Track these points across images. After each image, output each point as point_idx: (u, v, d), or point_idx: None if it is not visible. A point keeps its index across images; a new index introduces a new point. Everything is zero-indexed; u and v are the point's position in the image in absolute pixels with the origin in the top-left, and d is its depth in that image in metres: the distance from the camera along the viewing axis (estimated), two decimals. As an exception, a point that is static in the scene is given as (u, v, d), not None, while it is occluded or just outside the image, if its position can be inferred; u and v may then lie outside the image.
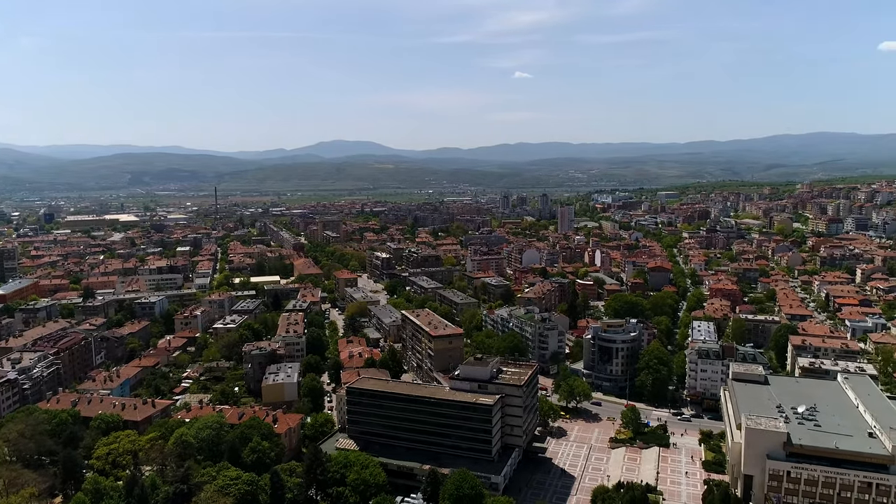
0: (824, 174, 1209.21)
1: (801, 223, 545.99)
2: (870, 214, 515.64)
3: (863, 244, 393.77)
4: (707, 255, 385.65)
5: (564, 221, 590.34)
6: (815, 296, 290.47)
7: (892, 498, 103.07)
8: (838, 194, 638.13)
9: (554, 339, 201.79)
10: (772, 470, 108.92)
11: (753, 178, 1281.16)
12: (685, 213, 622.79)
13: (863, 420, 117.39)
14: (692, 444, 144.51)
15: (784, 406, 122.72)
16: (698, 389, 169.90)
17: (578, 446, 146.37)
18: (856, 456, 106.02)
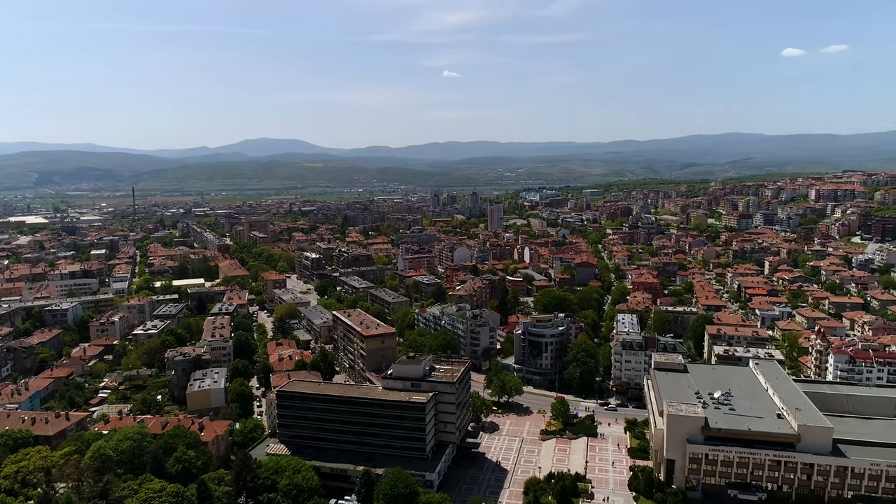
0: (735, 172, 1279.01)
1: (715, 219, 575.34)
2: (776, 210, 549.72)
3: (770, 238, 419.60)
4: (630, 251, 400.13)
5: (494, 219, 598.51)
6: (728, 287, 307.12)
7: (798, 473, 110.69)
8: (748, 191, 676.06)
9: (485, 335, 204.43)
10: (692, 453, 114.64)
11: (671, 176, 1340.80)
12: (609, 211, 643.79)
13: (772, 402, 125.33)
14: (618, 432, 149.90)
15: (702, 392, 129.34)
16: (623, 379, 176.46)
17: (511, 440, 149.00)
18: (766, 436, 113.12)
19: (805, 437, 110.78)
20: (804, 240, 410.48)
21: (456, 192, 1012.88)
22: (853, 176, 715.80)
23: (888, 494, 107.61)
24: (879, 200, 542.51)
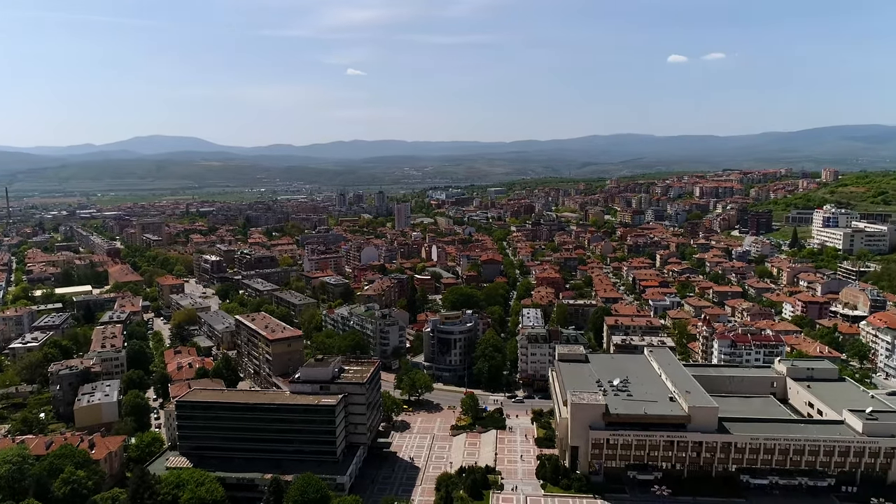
0: (628, 171, 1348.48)
1: (611, 215, 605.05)
2: (665, 206, 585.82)
3: (660, 233, 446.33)
4: (533, 247, 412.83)
5: (401, 218, 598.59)
6: (624, 280, 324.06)
7: (689, 452, 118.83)
8: (640, 189, 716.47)
9: (395, 334, 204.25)
10: (594, 439, 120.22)
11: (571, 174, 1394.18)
12: (513, 208, 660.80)
13: (665, 387, 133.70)
14: (526, 423, 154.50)
15: (602, 381, 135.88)
16: (530, 372, 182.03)
17: (422, 437, 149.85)
18: (661, 419, 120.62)
19: (695, 418, 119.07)
20: (690, 234, 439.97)
21: (362, 191, 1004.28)
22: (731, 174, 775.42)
23: (766, 465, 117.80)
24: (754, 197, 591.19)
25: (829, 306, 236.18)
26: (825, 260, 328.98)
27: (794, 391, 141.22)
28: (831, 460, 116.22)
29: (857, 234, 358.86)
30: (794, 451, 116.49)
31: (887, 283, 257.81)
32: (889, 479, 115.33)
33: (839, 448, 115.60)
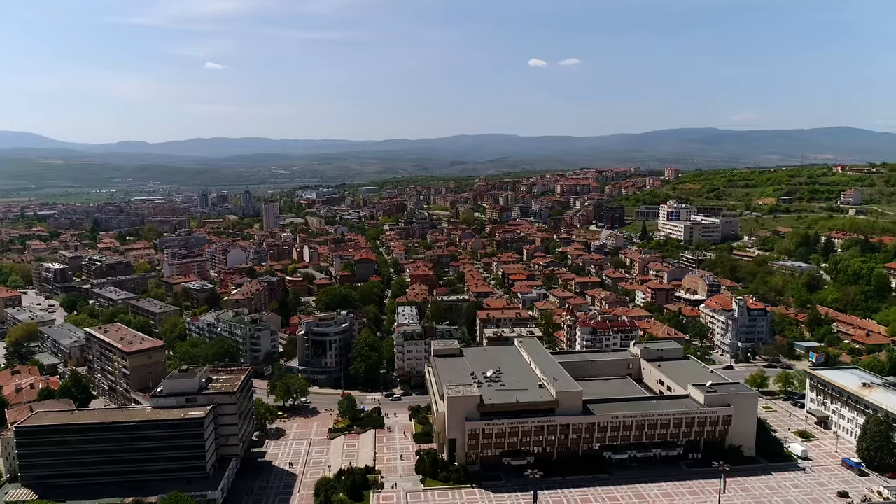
0: (495, 170, 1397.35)
1: (480, 212, 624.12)
2: (530, 203, 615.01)
3: (526, 228, 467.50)
4: (406, 245, 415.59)
5: (270, 218, 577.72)
6: (494, 274, 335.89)
7: (558, 434, 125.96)
8: (507, 187, 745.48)
9: (266, 339, 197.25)
10: (470, 430, 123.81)
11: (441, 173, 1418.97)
12: (385, 207, 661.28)
13: (535, 375, 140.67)
14: (404, 420, 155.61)
15: (476, 373, 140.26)
16: (406, 369, 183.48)
17: (298, 443, 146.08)
18: (531, 405, 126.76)
19: (562, 402, 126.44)
20: (553, 229, 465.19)
21: (227, 191, 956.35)
22: (588, 173, 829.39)
23: (625, 441, 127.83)
24: (608, 193, 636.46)
25: (675, 292, 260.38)
26: (670, 250, 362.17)
27: (647, 371, 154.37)
28: (680, 431, 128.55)
29: (695, 226, 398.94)
30: (649, 425, 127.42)
31: (720, 270, 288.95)
32: (726, 443, 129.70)
33: (686, 419, 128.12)
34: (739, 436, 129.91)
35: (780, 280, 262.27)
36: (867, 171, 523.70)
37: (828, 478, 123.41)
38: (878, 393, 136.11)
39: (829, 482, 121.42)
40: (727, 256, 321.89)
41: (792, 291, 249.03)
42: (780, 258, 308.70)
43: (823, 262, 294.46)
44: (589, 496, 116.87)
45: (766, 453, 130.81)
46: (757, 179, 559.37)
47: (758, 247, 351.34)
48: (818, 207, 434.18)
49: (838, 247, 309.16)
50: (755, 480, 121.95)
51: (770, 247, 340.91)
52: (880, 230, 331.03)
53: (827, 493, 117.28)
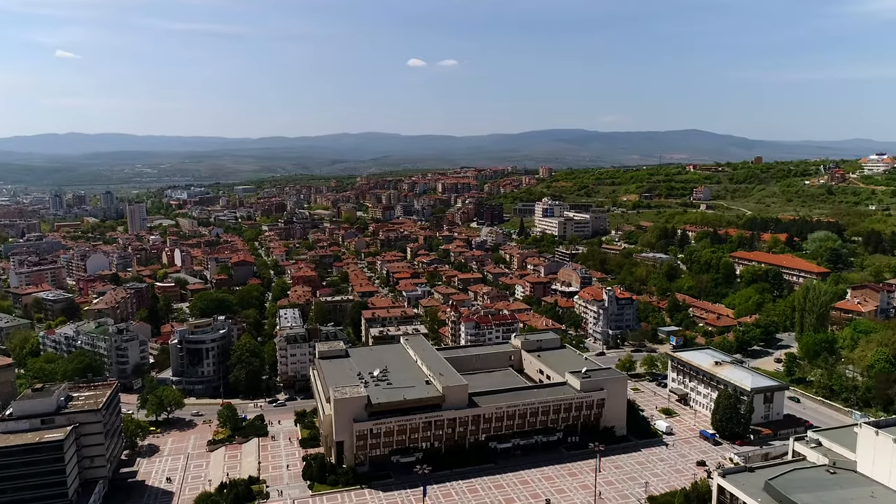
0: (377, 168, 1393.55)
1: (363, 211, 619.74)
2: (413, 202, 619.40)
3: (410, 227, 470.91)
4: (287, 246, 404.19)
5: (135, 221, 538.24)
6: (379, 273, 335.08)
7: (445, 429, 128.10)
8: (389, 186, 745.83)
9: (135, 350, 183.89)
10: (358, 431, 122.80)
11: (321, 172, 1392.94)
12: (263, 207, 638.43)
13: (422, 372, 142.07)
14: (290, 426, 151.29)
15: (363, 373, 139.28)
16: (290, 373, 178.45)
17: (175, 458, 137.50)
18: (419, 402, 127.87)
19: (448, 397, 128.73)
20: (436, 227, 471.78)
21: (84, 192, 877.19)
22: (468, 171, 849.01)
23: (509, 430, 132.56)
24: (487, 191, 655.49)
25: (551, 285, 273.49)
26: (546, 245, 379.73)
27: (527, 361, 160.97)
28: (559, 417, 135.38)
29: (568, 222, 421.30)
30: (531, 413, 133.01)
31: (592, 263, 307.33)
32: (601, 425, 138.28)
33: (564, 405, 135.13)
34: (612, 417, 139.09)
35: (643, 271, 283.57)
36: (714, 170, 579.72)
37: (688, 449, 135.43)
38: (727, 370, 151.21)
39: (690, 453, 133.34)
40: (597, 250, 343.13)
41: (654, 281, 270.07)
42: (643, 250, 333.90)
43: (680, 253, 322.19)
44: (476, 486, 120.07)
45: (635, 431, 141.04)
46: (622, 178, 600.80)
47: (624, 240, 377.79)
48: (675, 203, 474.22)
49: (692, 239, 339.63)
50: (627, 458, 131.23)
51: (634, 240, 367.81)
52: (726, 223, 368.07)
53: (688, 463, 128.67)
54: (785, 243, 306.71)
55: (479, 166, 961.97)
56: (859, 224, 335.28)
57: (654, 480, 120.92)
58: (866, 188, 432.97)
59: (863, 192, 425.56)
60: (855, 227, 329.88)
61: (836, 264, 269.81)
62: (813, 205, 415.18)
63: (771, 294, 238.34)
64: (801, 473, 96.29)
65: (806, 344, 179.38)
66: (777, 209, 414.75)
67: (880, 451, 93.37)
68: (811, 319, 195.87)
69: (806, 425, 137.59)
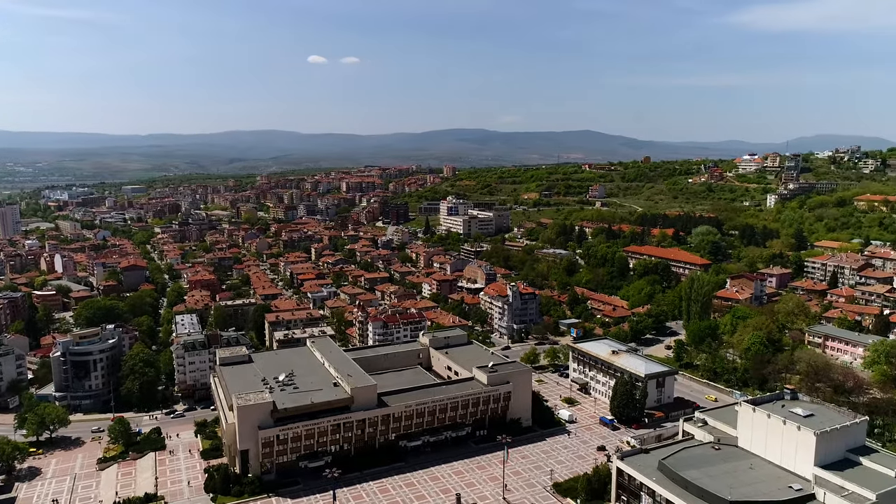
0: (278, 167, 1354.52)
1: (264, 212, 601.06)
2: (316, 202, 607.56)
3: (314, 227, 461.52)
4: (182, 249, 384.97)
5: (8, 224, 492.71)
6: (282, 275, 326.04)
7: (354, 430, 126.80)
8: (291, 185, 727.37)
9: (10, 365, 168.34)
10: (264, 438, 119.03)
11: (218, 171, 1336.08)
12: (155, 208, 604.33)
13: (329, 374, 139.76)
14: (190, 438, 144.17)
15: (268, 378, 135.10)
16: (189, 382, 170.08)
17: (60, 481, 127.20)
18: (327, 405, 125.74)
19: (357, 398, 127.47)
20: (341, 227, 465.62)
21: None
22: (372, 170, 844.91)
23: (419, 428, 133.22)
24: (392, 190, 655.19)
25: (457, 282, 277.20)
26: (451, 243, 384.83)
27: (436, 358, 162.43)
28: (467, 412, 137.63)
29: (472, 220, 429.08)
30: (440, 410, 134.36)
31: (496, 259, 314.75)
32: (508, 417, 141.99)
33: (472, 400, 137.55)
34: (518, 409, 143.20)
35: (545, 266, 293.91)
36: (608, 169, 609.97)
37: (589, 436, 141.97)
38: (623, 358, 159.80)
39: (591, 439, 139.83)
40: (501, 247, 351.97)
41: (555, 276, 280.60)
42: (544, 246, 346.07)
43: (578, 248, 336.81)
44: (387, 486, 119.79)
45: (540, 422, 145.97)
46: (522, 177, 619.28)
47: (526, 237, 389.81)
48: (572, 201, 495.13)
49: (589, 235, 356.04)
50: (533, 447, 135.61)
51: (536, 237, 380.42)
52: (620, 219, 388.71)
53: (589, 449, 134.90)
54: (672, 237, 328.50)
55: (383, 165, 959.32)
56: (736, 219, 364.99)
57: (559, 468, 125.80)
58: (741, 186, 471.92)
59: (738, 190, 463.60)
60: (732, 221, 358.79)
61: (717, 256, 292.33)
62: (696, 201, 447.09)
63: (661, 285, 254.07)
64: (689, 451, 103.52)
65: (692, 331, 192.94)
66: (664, 206, 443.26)
67: (757, 426, 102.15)
68: (696, 308, 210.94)
69: (694, 406, 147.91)
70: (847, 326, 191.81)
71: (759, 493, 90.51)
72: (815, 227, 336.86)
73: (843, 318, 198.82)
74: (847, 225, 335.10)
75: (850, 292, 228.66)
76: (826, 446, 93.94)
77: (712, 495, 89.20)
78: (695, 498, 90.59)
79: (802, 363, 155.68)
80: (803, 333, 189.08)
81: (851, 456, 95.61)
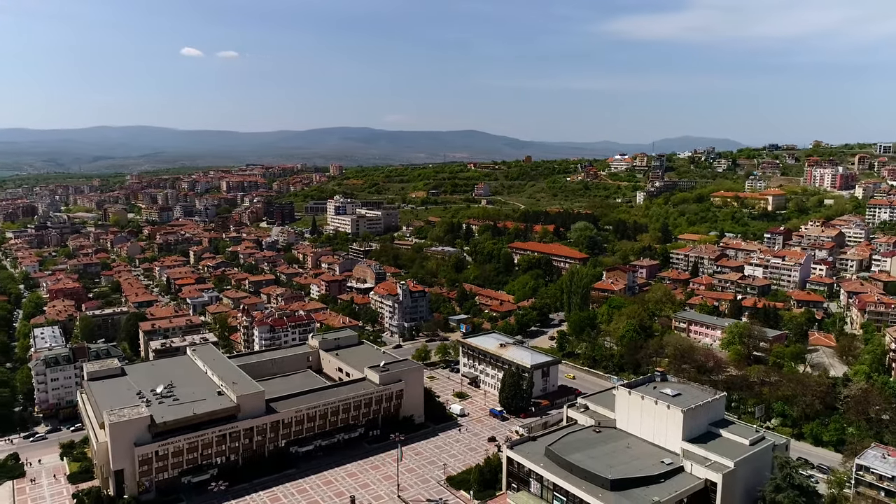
0: (150, 166, 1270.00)
1: (135, 213, 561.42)
2: (194, 202, 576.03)
3: (192, 229, 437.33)
4: (40, 255, 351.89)
5: None
6: (158, 281, 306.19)
7: (242, 440, 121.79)
8: (165, 185, 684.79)
9: None
10: (141, 455, 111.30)
11: (81, 169, 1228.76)
12: (6, 211, 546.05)
13: (213, 383, 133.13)
14: (54, 462, 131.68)
15: (144, 391, 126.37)
16: (52, 401, 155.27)
17: None
18: (211, 415, 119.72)
19: (244, 406, 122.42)
20: (222, 228, 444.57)
21: None
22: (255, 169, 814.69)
23: (310, 433, 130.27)
24: (277, 190, 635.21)
25: (347, 282, 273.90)
26: (339, 243, 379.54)
27: (326, 361, 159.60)
28: (360, 413, 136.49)
29: (360, 219, 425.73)
30: (332, 412, 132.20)
31: (385, 258, 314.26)
32: (401, 415, 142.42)
33: (364, 400, 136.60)
34: (411, 406, 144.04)
35: (434, 264, 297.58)
36: (492, 168, 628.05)
37: (480, 427, 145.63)
38: (510, 351, 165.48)
39: (482, 431, 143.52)
40: (390, 246, 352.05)
41: (444, 273, 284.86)
42: (433, 244, 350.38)
43: (466, 245, 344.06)
44: (278, 495, 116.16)
45: (433, 417, 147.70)
46: (410, 175, 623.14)
47: (414, 235, 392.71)
48: (459, 199, 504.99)
49: (476, 232, 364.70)
50: (426, 443, 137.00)
51: (424, 235, 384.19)
52: (504, 217, 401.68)
53: (481, 441, 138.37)
54: (553, 233, 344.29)
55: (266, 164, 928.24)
56: (610, 215, 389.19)
57: (452, 461, 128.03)
58: (614, 184, 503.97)
59: (611, 187, 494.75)
60: (607, 217, 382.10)
61: (594, 250, 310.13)
62: (574, 199, 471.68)
63: (544, 279, 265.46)
64: (573, 436, 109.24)
65: (573, 321, 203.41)
66: (546, 203, 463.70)
67: (632, 408, 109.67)
68: (576, 300, 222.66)
69: (576, 393, 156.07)
70: (707, 312, 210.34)
71: (635, 470, 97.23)
72: (679, 221, 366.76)
73: (703, 304, 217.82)
74: (705, 219, 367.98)
75: (708, 280, 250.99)
76: (692, 422, 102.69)
77: (594, 475, 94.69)
78: (579, 479, 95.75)
79: (670, 347, 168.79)
80: (670, 320, 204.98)
81: (713, 429, 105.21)
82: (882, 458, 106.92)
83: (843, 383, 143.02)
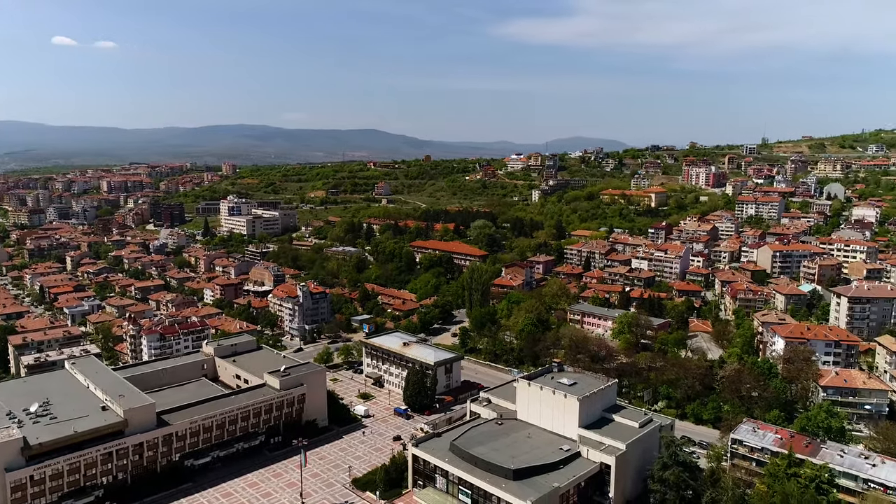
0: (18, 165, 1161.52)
1: (1, 217, 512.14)
2: (70, 203, 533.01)
3: (68, 232, 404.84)
4: None
5: None
6: (29, 289, 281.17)
7: (131, 456, 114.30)
8: (36, 185, 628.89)
9: None
10: (13, 482, 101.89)
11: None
12: None
13: (96, 398, 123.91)
14: None
15: (15, 411, 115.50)
16: None
17: None
18: (94, 432, 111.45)
19: (132, 421, 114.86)
20: (103, 231, 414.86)
21: None
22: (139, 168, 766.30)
23: (207, 444, 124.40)
24: (164, 190, 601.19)
25: (243, 286, 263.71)
26: (234, 245, 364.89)
27: (222, 368, 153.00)
28: (260, 420, 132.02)
29: (256, 220, 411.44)
30: (229, 421, 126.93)
31: (284, 260, 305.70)
32: (303, 420, 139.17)
33: (264, 407, 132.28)
34: (314, 410, 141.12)
35: (335, 264, 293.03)
36: (392, 167, 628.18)
37: (385, 427, 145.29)
38: (414, 349, 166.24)
39: (387, 431, 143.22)
40: (288, 247, 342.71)
41: (345, 273, 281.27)
42: (333, 244, 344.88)
43: (367, 245, 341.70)
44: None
45: (337, 420, 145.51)
46: (308, 174, 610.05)
47: (314, 236, 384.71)
48: (359, 198, 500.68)
49: (377, 231, 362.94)
50: (330, 447, 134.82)
51: (324, 235, 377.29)
52: (405, 216, 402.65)
53: (386, 440, 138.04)
54: (453, 231, 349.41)
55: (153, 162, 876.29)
56: (507, 212, 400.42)
57: (357, 463, 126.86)
58: (511, 182, 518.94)
59: (508, 186, 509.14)
60: (504, 215, 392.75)
61: (493, 247, 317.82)
62: (473, 197, 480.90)
63: (445, 277, 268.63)
64: (477, 430, 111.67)
65: (474, 317, 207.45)
66: (445, 202, 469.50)
67: (532, 399, 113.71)
68: (477, 296, 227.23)
69: (479, 387, 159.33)
70: (599, 304, 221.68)
71: (536, 459, 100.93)
72: (572, 218, 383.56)
73: (595, 296, 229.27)
74: (596, 216, 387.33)
75: (600, 274, 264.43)
76: (587, 409, 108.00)
77: (497, 467, 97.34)
78: (483, 472, 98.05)
79: (566, 338, 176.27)
80: (566, 312, 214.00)
81: (606, 414, 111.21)
82: (753, 431, 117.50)
83: (719, 365, 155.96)
